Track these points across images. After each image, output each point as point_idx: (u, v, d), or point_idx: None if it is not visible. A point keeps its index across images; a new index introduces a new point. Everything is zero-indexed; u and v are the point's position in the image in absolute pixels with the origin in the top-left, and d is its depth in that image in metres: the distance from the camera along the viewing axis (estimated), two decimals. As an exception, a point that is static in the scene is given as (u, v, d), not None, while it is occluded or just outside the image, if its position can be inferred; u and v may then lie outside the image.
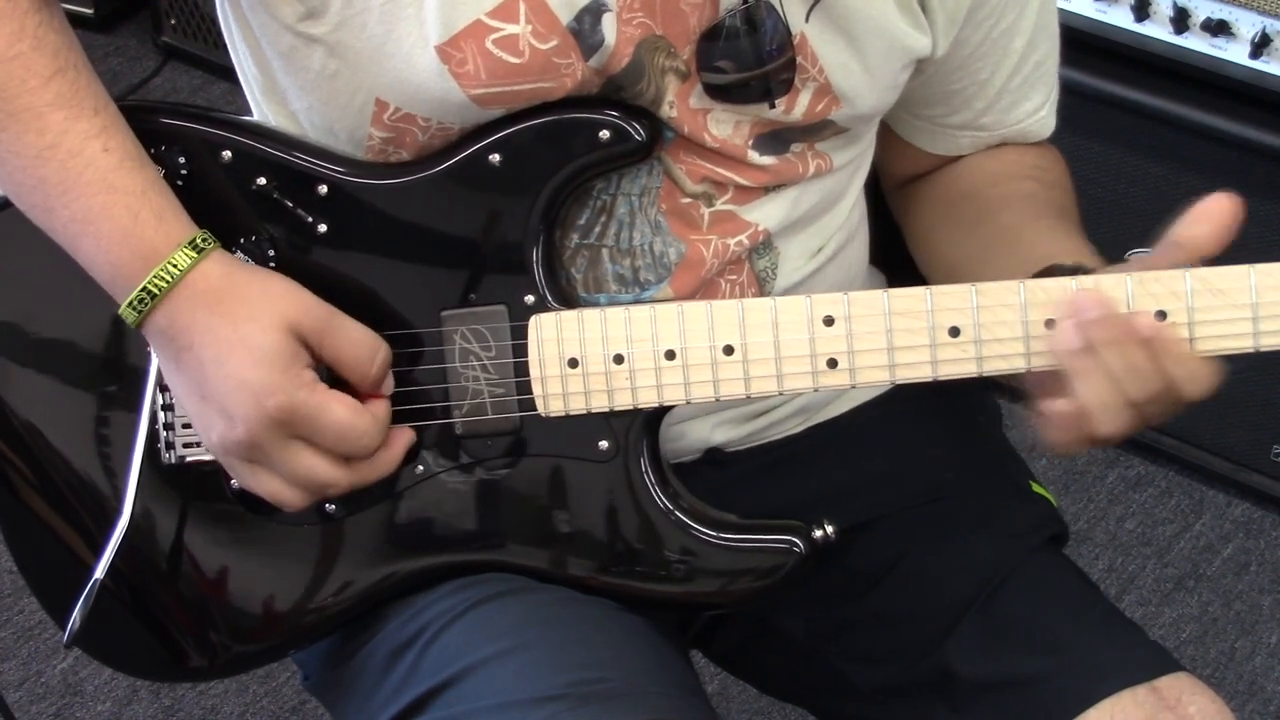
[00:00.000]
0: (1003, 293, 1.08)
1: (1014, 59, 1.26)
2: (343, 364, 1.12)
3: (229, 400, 1.09)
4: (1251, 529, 2.41)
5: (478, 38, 1.10)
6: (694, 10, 1.13)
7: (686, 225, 1.19)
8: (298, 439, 1.11)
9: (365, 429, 1.11)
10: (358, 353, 1.12)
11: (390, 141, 1.16)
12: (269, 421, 1.09)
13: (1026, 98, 1.29)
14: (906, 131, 1.33)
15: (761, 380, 1.13)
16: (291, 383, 1.09)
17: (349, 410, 1.11)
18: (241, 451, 1.12)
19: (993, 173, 1.31)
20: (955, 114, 1.30)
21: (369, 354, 1.13)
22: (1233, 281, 1.06)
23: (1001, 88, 1.27)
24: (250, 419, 1.09)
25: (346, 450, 1.11)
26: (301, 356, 1.10)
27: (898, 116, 1.32)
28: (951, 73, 1.25)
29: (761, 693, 1.50)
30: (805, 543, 1.17)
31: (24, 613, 2.26)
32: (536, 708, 1.09)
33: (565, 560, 1.19)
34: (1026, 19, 1.24)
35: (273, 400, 1.08)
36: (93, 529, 1.22)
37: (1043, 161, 1.33)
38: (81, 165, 1.10)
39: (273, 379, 1.08)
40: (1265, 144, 2.11)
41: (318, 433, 1.10)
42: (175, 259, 1.10)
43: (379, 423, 1.13)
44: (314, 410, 1.09)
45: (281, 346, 1.09)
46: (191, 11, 3.20)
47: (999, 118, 1.30)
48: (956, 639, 1.22)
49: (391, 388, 1.15)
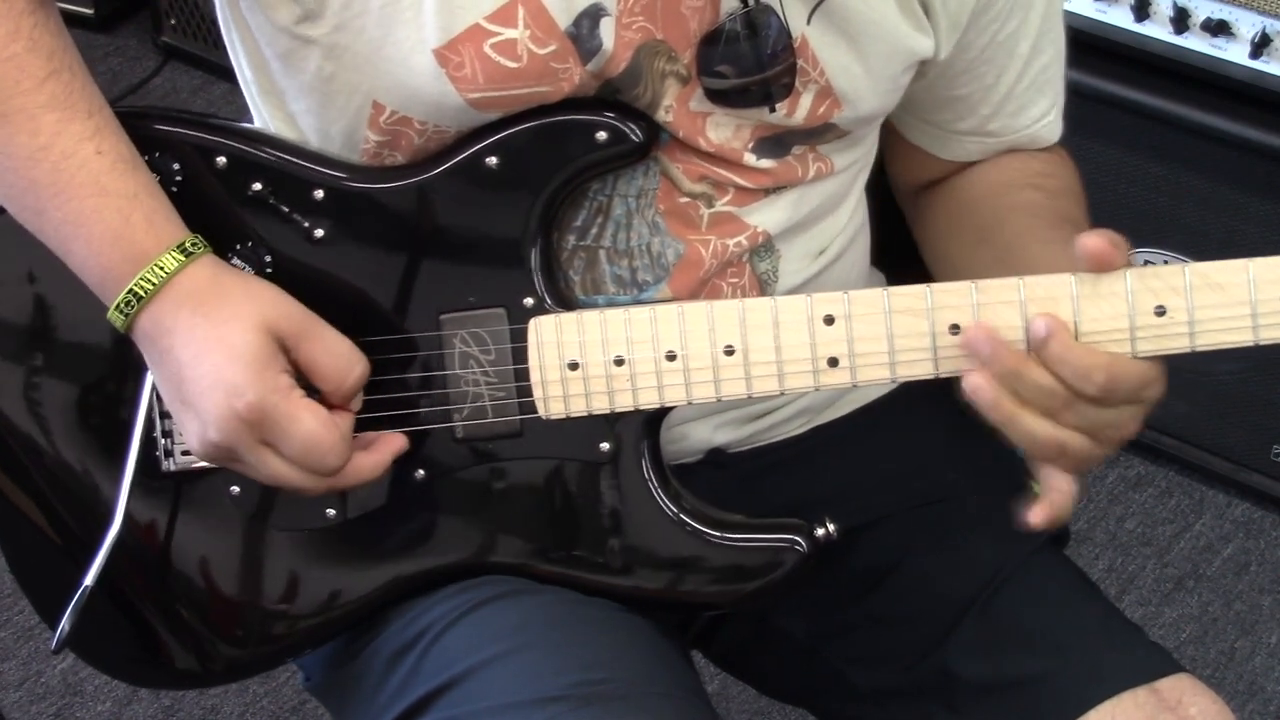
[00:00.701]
0: (1002, 290, 1.09)
1: (1019, 64, 1.26)
2: (317, 371, 1.11)
3: (203, 400, 1.08)
4: (1251, 529, 2.41)
5: (476, 42, 1.10)
6: (694, 13, 1.12)
7: (685, 225, 1.19)
8: (266, 444, 1.09)
9: (331, 445, 1.09)
10: (334, 363, 1.11)
11: (385, 145, 1.16)
12: (239, 421, 1.08)
13: (1033, 103, 1.29)
14: (916, 137, 1.33)
15: (763, 380, 1.13)
16: (265, 384, 1.08)
17: (319, 423, 1.09)
18: (219, 454, 1.11)
19: (996, 183, 1.31)
20: (962, 119, 1.29)
21: (345, 366, 1.12)
22: (1231, 276, 1.06)
23: (1007, 93, 1.27)
24: (221, 419, 1.08)
25: (310, 464, 1.09)
26: (278, 360, 1.09)
27: (906, 121, 1.31)
28: (957, 77, 1.25)
29: (761, 693, 1.50)
30: (807, 541, 1.17)
31: (24, 613, 2.26)
32: (538, 709, 1.09)
33: (566, 561, 1.19)
34: (1031, 24, 1.24)
35: (243, 400, 1.07)
36: (86, 536, 1.22)
37: (1048, 168, 1.32)
38: (74, 167, 1.10)
39: (246, 378, 1.07)
40: (1265, 144, 2.11)
41: (283, 440, 1.08)
42: (162, 261, 1.10)
43: (345, 440, 1.11)
44: (283, 417, 1.08)
45: (258, 346, 1.08)
46: (191, 11, 3.20)
47: (1006, 123, 1.29)
48: (957, 640, 1.23)
49: (358, 406, 1.14)
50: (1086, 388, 1.04)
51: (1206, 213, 2.21)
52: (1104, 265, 1.06)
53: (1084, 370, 1.04)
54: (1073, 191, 1.31)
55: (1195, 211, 2.22)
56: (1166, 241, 2.25)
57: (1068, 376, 1.05)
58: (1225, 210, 2.20)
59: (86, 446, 1.23)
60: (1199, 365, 1.16)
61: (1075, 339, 1.06)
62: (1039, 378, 1.05)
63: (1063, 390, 1.05)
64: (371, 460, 1.14)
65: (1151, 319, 1.07)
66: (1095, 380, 1.04)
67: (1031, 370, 1.05)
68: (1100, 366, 1.04)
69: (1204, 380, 2.30)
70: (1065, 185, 1.31)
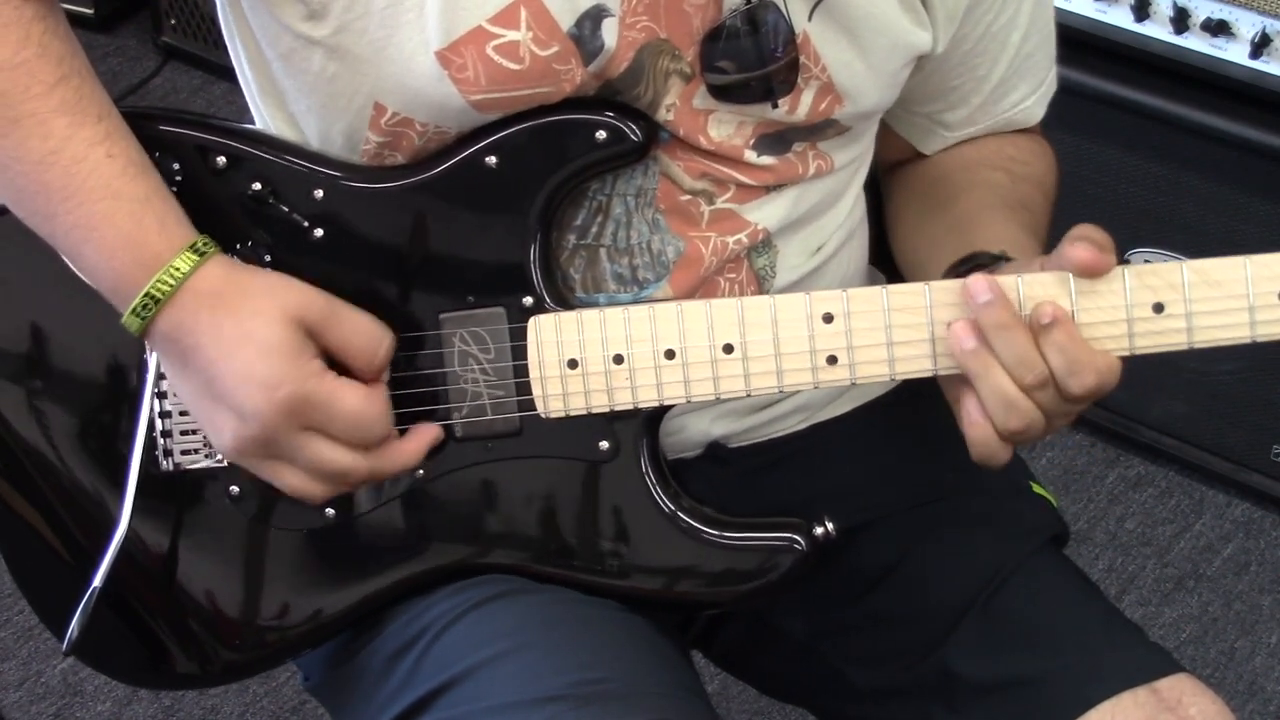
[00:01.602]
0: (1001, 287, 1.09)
1: (1011, 53, 1.26)
2: (348, 351, 1.12)
3: (238, 396, 1.09)
4: (1251, 529, 2.41)
5: (478, 44, 1.10)
6: (697, 11, 1.13)
7: (686, 222, 1.19)
8: (310, 429, 1.10)
9: (377, 416, 1.11)
10: (363, 341, 1.13)
11: (386, 145, 1.16)
12: (281, 413, 1.09)
13: (1014, 88, 1.30)
14: (903, 128, 1.34)
15: (761, 378, 1.13)
16: (301, 372, 1.09)
17: (360, 397, 1.11)
18: (256, 449, 1.11)
19: (967, 158, 1.32)
20: (953, 110, 1.30)
21: (375, 341, 1.13)
22: (1228, 273, 1.07)
23: (999, 82, 1.28)
24: (261, 412, 1.09)
25: (359, 438, 1.11)
26: (308, 346, 1.10)
27: (894, 113, 1.31)
28: (952, 69, 1.26)
29: (761, 693, 1.50)
30: (806, 541, 1.17)
31: (24, 613, 2.26)
32: (537, 708, 1.09)
33: (566, 561, 1.19)
34: (1024, 13, 1.25)
35: (283, 391, 1.08)
36: (90, 538, 1.22)
37: (1023, 155, 1.33)
38: (85, 171, 1.10)
39: (282, 369, 1.08)
40: (1265, 144, 2.11)
41: (330, 420, 1.10)
42: (177, 263, 1.10)
43: (388, 409, 1.13)
44: (325, 398, 1.09)
45: (287, 337, 1.09)
46: (191, 11, 3.20)
47: (988, 109, 1.30)
48: (956, 640, 1.22)
49: (388, 377, 1.15)
50: (1071, 383, 1.05)
51: (1206, 213, 2.21)
52: (1095, 273, 1.06)
53: (1079, 366, 1.05)
54: (1038, 179, 1.32)
55: (1195, 211, 2.22)
56: (1166, 241, 2.25)
57: (1057, 365, 1.05)
58: (1225, 210, 2.20)
59: (86, 449, 1.23)
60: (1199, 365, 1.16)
61: None
62: (1026, 348, 1.05)
63: (1045, 373, 1.05)
64: (410, 447, 1.15)
65: (1149, 315, 1.07)
66: (1084, 380, 1.05)
67: (1022, 336, 1.05)
68: (1095, 368, 1.05)
69: (1204, 380, 2.30)
70: (1033, 173, 1.32)
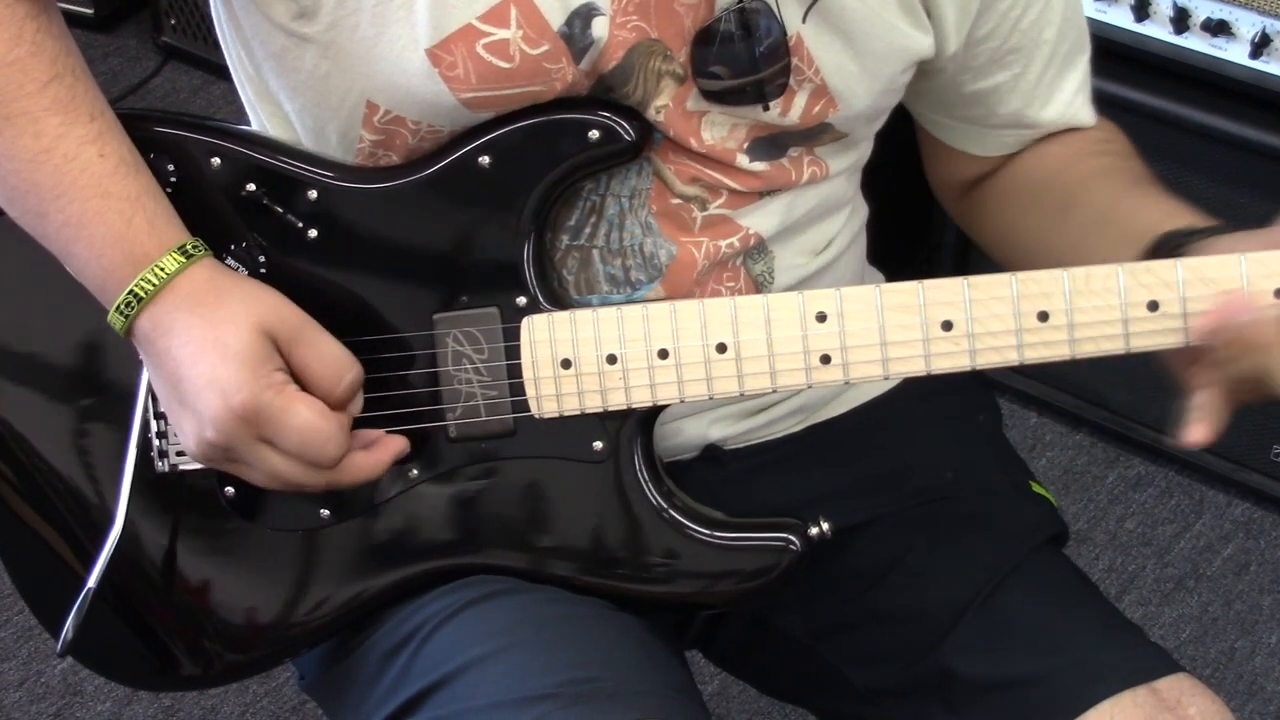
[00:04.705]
0: (995, 285, 1.08)
1: (1047, 50, 1.24)
2: (309, 375, 1.11)
3: (199, 400, 1.09)
4: (1251, 529, 2.40)
5: (468, 42, 1.09)
6: (688, 11, 1.12)
7: (677, 227, 1.19)
8: (264, 440, 1.09)
9: (329, 435, 1.09)
10: (325, 368, 1.11)
11: (380, 144, 1.16)
12: (235, 420, 1.08)
13: (1060, 88, 1.27)
14: (953, 138, 1.31)
15: (755, 378, 1.12)
16: (259, 382, 1.08)
17: (314, 415, 1.08)
18: (215, 453, 1.11)
19: (1062, 156, 1.29)
20: (994, 113, 1.27)
21: (337, 372, 1.11)
22: (1223, 270, 1.07)
23: (1038, 80, 1.25)
24: (218, 418, 1.08)
25: (308, 456, 1.09)
26: (273, 358, 1.10)
27: (941, 124, 1.30)
28: (983, 69, 1.24)
29: (761, 693, 1.50)
30: (801, 541, 1.17)
31: (24, 613, 2.25)
32: (528, 707, 1.09)
33: (560, 561, 1.19)
34: (1054, 9, 1.22)
35: (238, 398, 1.07)
36: (86, 539, 1.22)
37: (1105, 134, 1.30)
38: (77, 170, 1.10)
39: (240, 376, 1.08)
40: (1265, 144, 2.11)
41: (279, 434, 1.08)
42: (163, 263, 1.10)
43: (343, 430, 1.11)
44: (277, 412, 1.08)
45: (253, 346, 1.09)
46: (191, 11, 3.20)
47: (1039, 113, 1.27)
48: (956, 639, 1.22)
49: (359, 409, 1.14)
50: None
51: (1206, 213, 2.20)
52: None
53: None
54: (1133, 153, 1.29)
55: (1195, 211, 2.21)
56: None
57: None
58: (1225, 210, 2.18)
59: (82, 450, 1.24)
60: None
61: (1072, 334, 1.06)
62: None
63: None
64: (372, 459, 1.14)
65: (1144, 313, 1.07)
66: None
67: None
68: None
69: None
70: (1127, 148, 1.29)
